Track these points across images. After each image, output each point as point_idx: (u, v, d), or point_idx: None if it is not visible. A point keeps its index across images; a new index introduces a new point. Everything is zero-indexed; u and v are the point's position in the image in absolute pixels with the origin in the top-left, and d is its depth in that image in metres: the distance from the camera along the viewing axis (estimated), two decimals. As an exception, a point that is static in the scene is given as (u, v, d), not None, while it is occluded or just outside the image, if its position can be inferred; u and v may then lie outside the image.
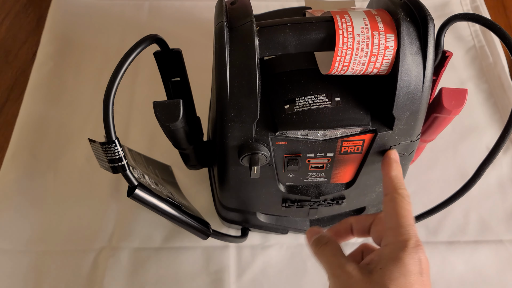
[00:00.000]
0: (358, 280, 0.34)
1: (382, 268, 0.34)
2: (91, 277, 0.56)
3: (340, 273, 0.35)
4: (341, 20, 0.37)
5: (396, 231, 0.36)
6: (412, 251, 0.34)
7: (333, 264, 0.36)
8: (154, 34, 0.40)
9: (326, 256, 0.38)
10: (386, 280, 0.33)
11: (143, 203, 0.41)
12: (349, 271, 0.35)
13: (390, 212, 0.37)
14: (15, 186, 0.62)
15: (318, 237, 0.40)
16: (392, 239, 0.35)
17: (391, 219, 0.37)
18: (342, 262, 0.36)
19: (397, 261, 0.34)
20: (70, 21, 0.78)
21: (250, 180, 0.45)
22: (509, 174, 0.64)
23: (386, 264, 0.34)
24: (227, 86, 0.37)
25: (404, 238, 0.35)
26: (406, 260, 0.34)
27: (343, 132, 0.41)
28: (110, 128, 0.36)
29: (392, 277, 0.33)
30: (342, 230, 0.43)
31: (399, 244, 0.35)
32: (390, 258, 0.34)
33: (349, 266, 0.35)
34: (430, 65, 0.38)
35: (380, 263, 0.34)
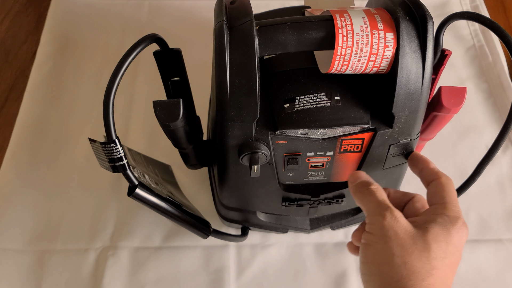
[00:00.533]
0: (403, 227, 0.35)
1: (428, 228, 0.35)
2: (91, 276, 0.56)
3: (388, 214, 0.36)
4: (341, 19, 0.37)
5: (446, 207, 0.37)
6: (460, 228, 0.36)
7: (382, 205, 0.37)
8: (153, 34, 0.40)
9: (375, 197, 0.38)
10: (430, 237, 0.35)
11: (144, 202, 0.41)
12: (396, 216, 0.36)
13: (440, 192, 0.38)
14: (15, 186, 0.62)
15: (366, 180, 0.41)
16: (441, 211, 0.37)
17: (441, 197, 0.38)
18: (391, 206, 0.37)
19: (444, 228, 0.35)
20: (70, 21, 0.78)
21: (250, 179, 0.45)
22: (509, 173, 0.64)
23: (433, 227, 0.35)
24: (227, 85, 0.37)
25: (455, 214, 0.36)
26: (453, 232, 0.35)
27: (343, 131, 0.41)
28: (110, 127, 0.36)
29: (436, 238, 0.35)
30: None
31: (449, 217, 0.36)
32: (438, 223, 0.35)
33: (397, 212, 0.36)
34: (429, 64, 0.38)
35: (427, 224, 0.36)
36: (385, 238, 0.35)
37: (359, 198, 0.40)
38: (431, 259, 0.34)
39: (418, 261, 0.34)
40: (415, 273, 0.34)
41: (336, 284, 0.56)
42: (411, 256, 0.34)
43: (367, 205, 0.39)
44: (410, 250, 0.34)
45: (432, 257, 0.34)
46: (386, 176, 0.48)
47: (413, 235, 0.35)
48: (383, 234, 0.36)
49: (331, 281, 0.56)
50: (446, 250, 0.35)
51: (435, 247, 0.34)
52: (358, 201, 0.40)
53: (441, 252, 0.34)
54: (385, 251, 0.35)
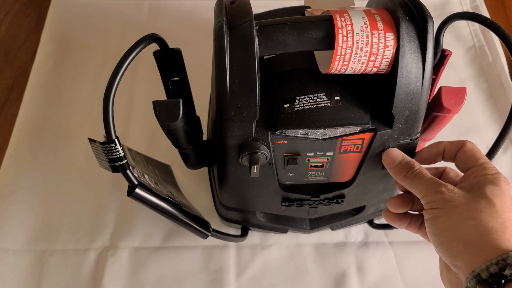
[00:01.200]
0: (462, 195, 0.37)
1: (481, 188, 0.37)
2: (91, 276, 0.56)
3: (443, 189, 0.38)
4: (341, 19, 0.37)
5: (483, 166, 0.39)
6: (505, 182, 0.38)
7: (434, 183, 0.39)
8: (153, 34, 0.40)
9: (423, 178, 0.40)
10: (489, 194, 0.36)
11: (143, 202, 0.41)
12: (451, 188, 0.38)
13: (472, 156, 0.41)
14: (15, 185, 0.62)
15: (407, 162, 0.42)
16: (483, 172, 0.39)
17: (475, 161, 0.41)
18: (441, 182, 0.39)
19: (495, 185, 0.37)
20: (70, 21, 0.78)
21: (250, 179, 0.45)
22: (509, 173, 0.64)
23: (485, 185, 0.37)
24: (227, 85, 0.37)
25: (495, 171, 0.39)
26: (503, 186, 0.37)
27: (343, 131, 0.41)
28: (110, 127, 0.36)
29: (494, 193, 0.37)
30: (435, 152, 0.45)
31: (492, 175, 0.38)
32: (487, 182, 0.37)
33: (450, 185, 0.38)
34: (429, 64, 0.38)
35: (478, 184, 0.38)
36: (452, 207, 0.37)
37: (407, 183, 0.41)
38: (500, 212, 0.36)
39: (489, 217, 0.35)
40: (493, 228, 0.35)
41: (336, 284, 0.55)
42: (481, 215, 0.35)
43: (418, 188, 0.40)
44: (478, 209, 0.36)
45: (500, 210, 0.36)
46: (386, 176, 0.48)
47: (474, 199, 0.37)
48: (448, 205, 0.37)
49: (331, 281, 0.56)
50: (506, 203, 0.36)
51: (498, 201, 0.36)
52: (407, 186, 0.41)
53: (504, 205, 0.36)
54: (456, 218, 0.36)
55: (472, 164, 0.41)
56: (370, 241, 0.59)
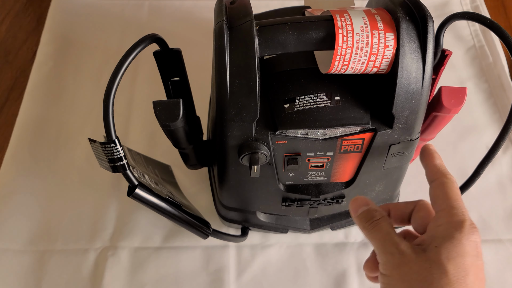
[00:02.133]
0: (413, 259, 0.33)
1: (438, 246, 0.33)
2: (91, 276, 0.56)
3: (395, 251, 0.34)
4: (341, 19, 0.37)
5: (450, 212, 0.35)
6: (468, 232, 0.33)
7: (387, 242, 0.35)
8: (153, 34, 0.40)
9: (379, 232, 0.36)
10: (443, 258, 0.32)
11: (144, 202, 0.41)
12: (403, 249, 0.34)
13: (441, 195, 0.36)
14: (15, 186, 0.62)
15: (368, 211, 0.38)
16: (446, 219, 0.34)
17: (443, 201, 0.36)
18: (396, 241, 0.35)
19: (453, 241, 0.33)
20: (70, 21, 0.78)
21: (250, 179, 0.45)
22: (509, 173, 0.64)
23: (442, 243, 0.33)
24: (227, 85, 0.37)
25: (460, 218, 0.34)
26: (463, 240, 0.32)
27: (343, 131, 0.41)
28: (110, 127, 0.36)
29: (449, 256, 0.32)
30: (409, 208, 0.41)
31: (454, 224, 0.33)
32: (445, 237, 0.33)
33: (403, 244, 0.34)
34: (429, 64, 0.38)
35: (434, 242, 0.33)
36: (402, 277, 0.33)
37: (365, 234, 0.37)
38: (451, 283, 0.31)
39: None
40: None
41: (336, 284, 0.55)
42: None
43: (374, 242, 0.36)
44: (429, 281, 0.32)
45: (452, 281, 0.31)
46: (386, 176, 0.48)
47: (427, 265, 0.32)
48: (398, 274, 0.33)
49: (331, 281, 0.56)
50: (464, 266, 0.32)
51: (452, 268, 0.32)
52: (365, 233, 0.38)
53: (460, 271, 0.32)
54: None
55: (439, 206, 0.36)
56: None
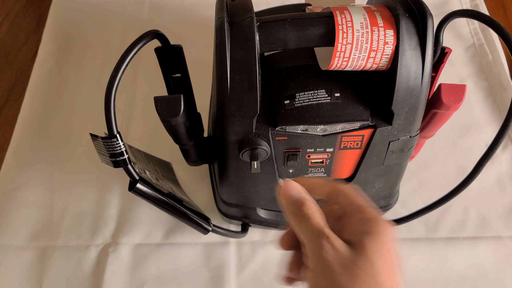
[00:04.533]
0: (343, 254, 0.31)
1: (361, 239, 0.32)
2: (92, 272, 0.56)
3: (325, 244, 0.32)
4: (341, 15, 0.37)
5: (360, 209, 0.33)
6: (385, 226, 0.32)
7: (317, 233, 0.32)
8: (155, 30, 0.40)
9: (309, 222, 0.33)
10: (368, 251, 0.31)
11: (144, 197, 0.41)
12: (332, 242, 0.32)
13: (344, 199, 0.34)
14: (17, 183, 0.62)
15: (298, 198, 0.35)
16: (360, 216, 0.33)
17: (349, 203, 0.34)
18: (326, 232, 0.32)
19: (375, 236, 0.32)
20: (71, 19, 0.78)
21: (250, 175, 0.45)
22: (508, 171, 0.64)
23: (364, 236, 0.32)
24: (228, 81, 0.37)
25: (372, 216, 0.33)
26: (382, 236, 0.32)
27: (343, 127, 0.41)
28: (111, 122, 0.36)
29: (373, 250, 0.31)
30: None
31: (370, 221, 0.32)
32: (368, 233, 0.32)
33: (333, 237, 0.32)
34: (429, 61, 0.38)
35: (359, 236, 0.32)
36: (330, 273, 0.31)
37: (292, 222, 0.35)
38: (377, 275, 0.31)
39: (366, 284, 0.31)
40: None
41: (336, 280, 0.56)
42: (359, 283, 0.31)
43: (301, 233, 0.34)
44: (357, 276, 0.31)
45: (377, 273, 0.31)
46: (385, 173, 0.48)
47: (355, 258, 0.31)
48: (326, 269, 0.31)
49: (331, 278, 0.56)
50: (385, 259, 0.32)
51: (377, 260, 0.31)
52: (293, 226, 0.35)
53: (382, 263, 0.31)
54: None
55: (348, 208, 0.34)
56: None
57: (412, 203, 0.61)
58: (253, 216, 0.54)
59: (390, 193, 0.54)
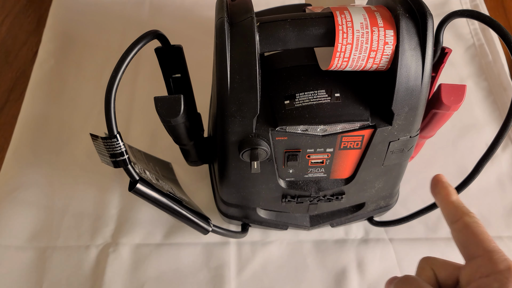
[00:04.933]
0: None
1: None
2: (92, 272, 0.56)
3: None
4: (341, 16, 0.37)
5: (491, 259, 0.30)
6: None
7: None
8: (155, 30, 0.40)
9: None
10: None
11: (145, 197, 0.41)
12: None
13: (471, 239, 0.32)
14: (17, 183, 0.62)
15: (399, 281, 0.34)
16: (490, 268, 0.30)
17: (477, 247, 0.32)
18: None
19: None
20: (72, 19, 0.79)
21: (250, 175, 0.45)
22: (508, 171, 0.64)
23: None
24: (228, 81, 0.37)
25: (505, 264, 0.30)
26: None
27: (343, 128, 0.41)
28: (112, 122, 0.36)
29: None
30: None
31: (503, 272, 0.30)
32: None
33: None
34: (429, 61, 0.38)
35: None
36: None
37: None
38: None
39: None
40: None
41: (336, 281, 0.56)
42: None
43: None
44: None
45: None
46: (385, 173, 0.48)
47: None
48: None
49: (331, 278, 0.56)
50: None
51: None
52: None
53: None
54: None
55: (474, 252, 0.31)
56: (370, 238, 0.59)
57: (412, 203, 0.61)
58: (253, 216, 0.54)
59: (390, 193, 0.54)
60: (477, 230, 0.32)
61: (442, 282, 0.34)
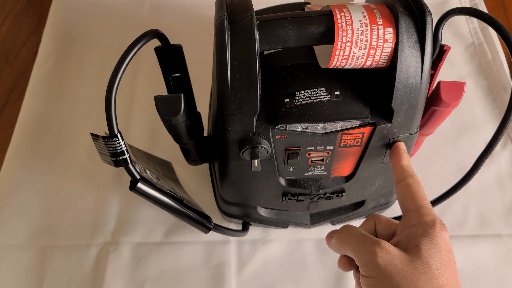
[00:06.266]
0: (397, 256, 0.34)
1: (418, 245, 0.34)
2: (93, 271, 0.56)
3: (378, 250, 0.34)
4: (340, 14, 0.37)
5: (420, 212, 0.36)
6: (440, 230, 0.35)
7: (367, 243, 0.35)
8: (155, 29, 0.40)
9: (355, 237, 0.36)
10: (425, 255, 0.33)
11: (145, 196, 0.41)
12: (385, 247, 0.34)
13: (409, 196, 0.38)
14: (17, 182, 0.62)
15: (339, 229, 0.39)
16: (418, 219, 0.36)
17: (411, 202, 0.37)
18: (375, 240, 0.35)
19: (430, 238, 0.34)
20: (72, 18, 0.79)
21: (250, 173, 0.46)
22: (508, 169, 0.64)
23: (421, 242, 0.34)
24: (228, 80, 0.37)
25: (431, 218, 0.35)
26: (437, 237, 0.34)
27: (343, 125, 0.41)
28: (112, 121, 0.36)
29: (430, 252, 0.33)
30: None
31: (427, 223, 0.35)
32: (422, 235, 0.34)
33: (383, 242, 0.35)
34: (428, 58, 0.38)
35: (413, 241, 0.34)
36: (387, 277, 0.33)
37: (340, 244, 0.38)
38: (436, 277, 0.33)
39: (427, 286, 0.32)
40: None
41: (336, 279, 0.56)
42: (419, 285, 0.32)
43: (351, 247, 0.36)
44: (416, 278, 0.33)
45: (436, 275, 0.33)
46: (385, 170, 0.48)
47: (409, 261, 0.33)
48: (383, 273, 0.33)
49: (331, 276, 0.56)
50: (442, 260, 0.33)
51: (434, 263, 0.33)
52: (341, 248, 0.38)
53: (440, 265, 0.33)
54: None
55: (408, 206, 0.37)
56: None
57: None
58: (253, 215, 0.54)
59: (390, 191, 0.54)
60: (415, 189, 0.38)
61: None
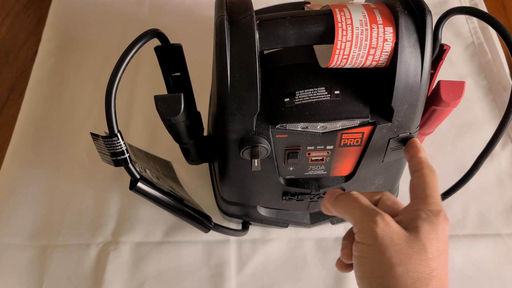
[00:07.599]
0: (397, 231, 0.34)
1: (418, 227, 0.34)
2: (93, 271, 0.56)
3: (380, 220, 0.34)
4: (340, 13, 0.37)
5: (428, 200, 0.36)
6: (443, 221, 0.35)
7: (370, 210, 0.35)
8: (155, 29, 0.40)
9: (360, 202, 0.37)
10: (423, 237, 0.34)
11: (145, 196, 0.41)
12: (387, 220, 0.34)
13: (422, 184, 0.38)
14: (17, 181, 0.62)
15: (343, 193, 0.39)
16: (424, 206, 0.36)
17: (422, 190, 0.37)
18: (379, 211, 0.35)
19: (432, 225, 0.34)
20: (72, 18, 0.79)
21: (250, 173, 0.46)
22: (508, 169, 0.64)
23: (422, 224, 0.34)
24: (228, 79, 0.37)
25: (437, 208, 0.36)
26: (439, 226, 0.35)
27: (343, 125, 0.41)
28: (112, 121, 0.36)
29: (428, 236, 0.34)
30: None
31: (432, 212, 0.35)
32: (425, 220, 0.35)
33: (387, 216, 0.35)
34: (428, 57, 0.38)
35: (414, 222, 0.35)
36: (381, 247, 0.33)
37: (342, 206, 0.38)
38: (429, 260, 0.33)
39: (418, 266, 0.33)
40: (419, 279, 0.33)
41: (336, 278, 0.56)
42: (411, 262, 0.33)
43: (353, 212, 0.37)
44: (408, 255, 0.33)
45: (429, 258, 0.33)
46: (385, 170, 0.48)
47: (407, 238, 0.34)
48: (378, 243, 0.34)
49: (331, 275, 0.56)
50: (438, 247, 0.34)
51: (430, 247, 0.34)
52: (342, 210, 0.38)
53: (435, 251, 0.34)
54: (384, 262, 0.33)
55: (418, 193, 0.37)
56: None
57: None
58: (253, 214, 0.54)
59: (390, 190, 0.54)
60: (430, 179, 0.38)
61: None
